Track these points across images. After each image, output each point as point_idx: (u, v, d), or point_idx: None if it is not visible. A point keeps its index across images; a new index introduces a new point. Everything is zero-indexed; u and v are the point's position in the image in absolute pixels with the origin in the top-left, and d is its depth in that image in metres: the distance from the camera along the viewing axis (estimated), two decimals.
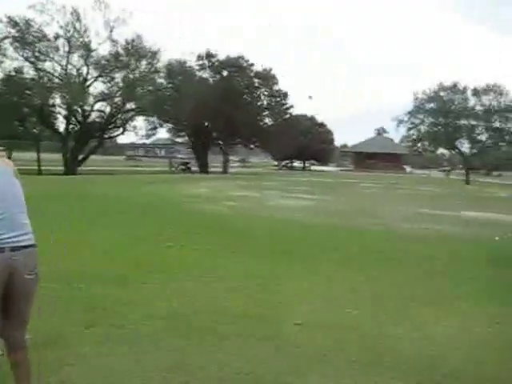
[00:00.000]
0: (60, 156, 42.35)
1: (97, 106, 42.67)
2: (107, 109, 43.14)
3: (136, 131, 46.38)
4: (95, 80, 41.62)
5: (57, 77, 40.22)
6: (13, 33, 37.60)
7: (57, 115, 42.44)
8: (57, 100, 41.04)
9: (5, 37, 37.38)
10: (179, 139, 57.10)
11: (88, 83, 41.01)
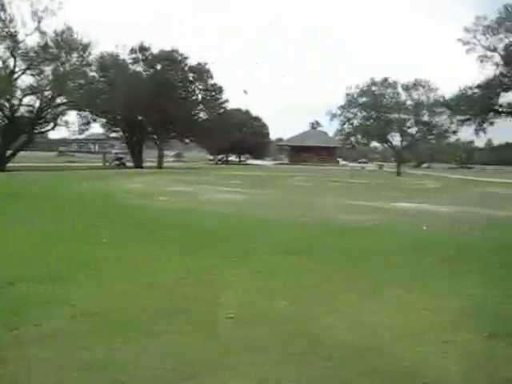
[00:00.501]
0: None
1: (26, 100, 41.13)
2: (37, 103, 41.73)
3: (68, 126, 45.11)
4: (23, 73, 40.05)
5: None
6: None
7: None
8: None
9: None
10: (113, 134, 55.95)
11: (15, 76, 39.59)
